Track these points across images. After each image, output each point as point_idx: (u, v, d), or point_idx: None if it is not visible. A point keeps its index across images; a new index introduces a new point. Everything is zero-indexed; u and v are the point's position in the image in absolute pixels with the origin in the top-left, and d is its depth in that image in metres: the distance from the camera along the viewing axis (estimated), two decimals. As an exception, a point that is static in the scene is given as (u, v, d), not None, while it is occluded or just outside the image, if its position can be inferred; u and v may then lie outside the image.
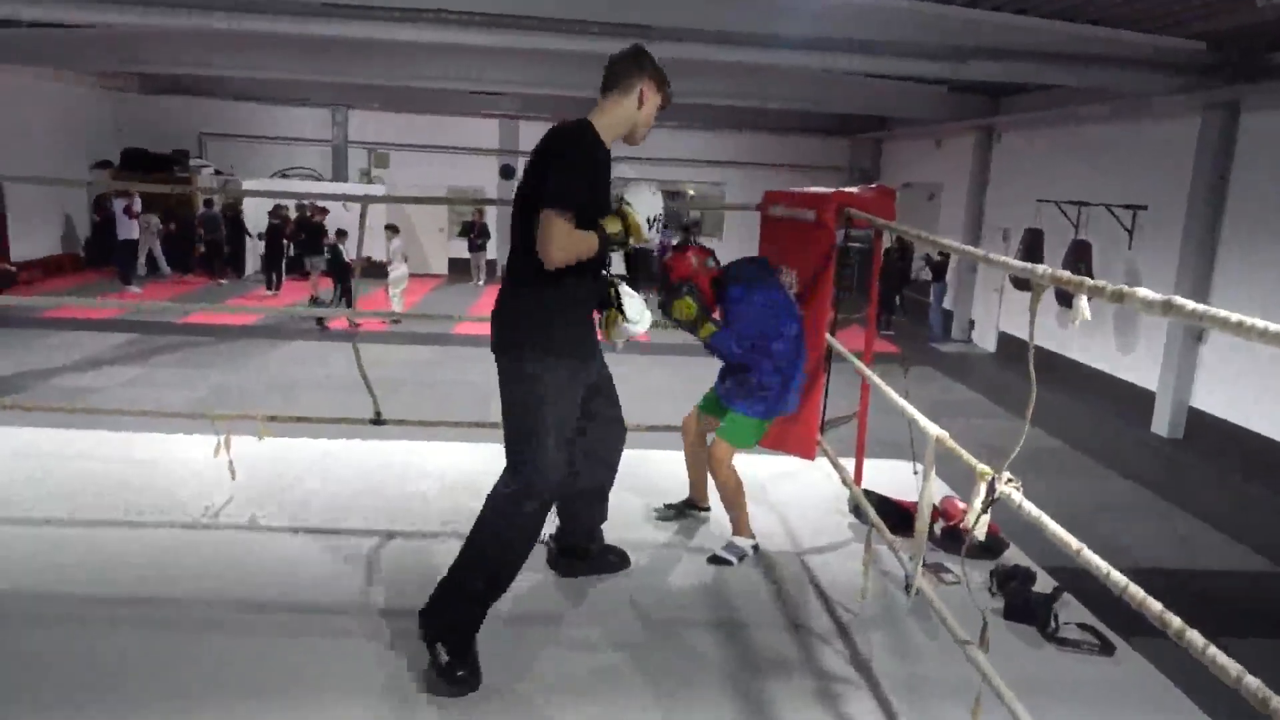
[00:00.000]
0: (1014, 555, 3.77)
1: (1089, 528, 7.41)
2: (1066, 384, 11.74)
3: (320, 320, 13.91)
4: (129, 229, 16.81)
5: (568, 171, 2.59)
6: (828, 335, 3.91)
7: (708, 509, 3.99)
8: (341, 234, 14.94)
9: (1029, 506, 2.09)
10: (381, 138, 21.06)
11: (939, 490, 4.14)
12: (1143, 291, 1.65)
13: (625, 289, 3.02)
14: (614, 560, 3.45)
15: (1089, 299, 1.84)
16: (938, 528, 3.89)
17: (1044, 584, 3.41)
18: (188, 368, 11.34)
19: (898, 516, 3.74)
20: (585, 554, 3.39)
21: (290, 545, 3.51)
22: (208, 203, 18.72)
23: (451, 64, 13.88)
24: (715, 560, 3.57)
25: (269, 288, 17.09)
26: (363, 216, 4.45)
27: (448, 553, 2.82)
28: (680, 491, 4.06)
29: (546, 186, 2.55)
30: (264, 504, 3.83)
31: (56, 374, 10.61)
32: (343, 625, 2.95)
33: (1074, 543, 1.91)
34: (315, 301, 15.33)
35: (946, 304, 16.46)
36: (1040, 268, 2.04)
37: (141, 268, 17.98)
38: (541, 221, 2.52)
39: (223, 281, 18.41)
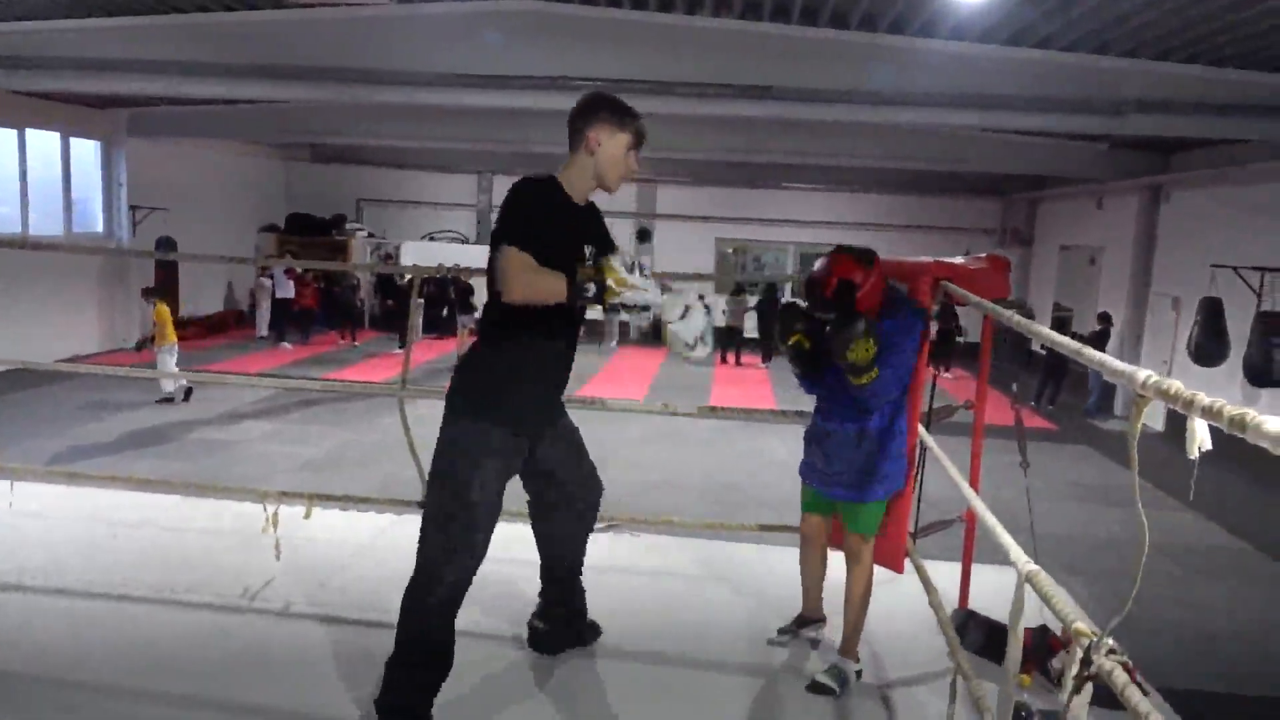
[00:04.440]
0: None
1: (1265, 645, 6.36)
2: (1265, 473, 9.30)
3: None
4: (286, 289, 17.82)
5: (518, 215, 2.52)
6: (921, 429, 3.37)
7: (823, 620, 3.36)
8: None
9: (1135, 697, 1.55)
10: (524, 202, 21.57)
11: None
12: (1273, 424, 1.15)
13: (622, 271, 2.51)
14: (587, 635, 3.24)
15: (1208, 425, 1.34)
16: (1060, 661, 3.22)
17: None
18: (321, 424, 11.68)
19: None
20: (565, 626, 3.18)
21: (317, 637, 3.27)
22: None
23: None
24: (817, 688, 2.98)
25: (401, 346, 17.61)
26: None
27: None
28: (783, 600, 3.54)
29: (500, 227, 2.50)
30: (305, 588, 3.63)
31: (199, 426, 11.16)
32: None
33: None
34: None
35: (1108, 377, 15.07)
36: (1143, 375, 1.54)
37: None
38: (498, 258, 2.44)
39: (357, 344, 18.81)
